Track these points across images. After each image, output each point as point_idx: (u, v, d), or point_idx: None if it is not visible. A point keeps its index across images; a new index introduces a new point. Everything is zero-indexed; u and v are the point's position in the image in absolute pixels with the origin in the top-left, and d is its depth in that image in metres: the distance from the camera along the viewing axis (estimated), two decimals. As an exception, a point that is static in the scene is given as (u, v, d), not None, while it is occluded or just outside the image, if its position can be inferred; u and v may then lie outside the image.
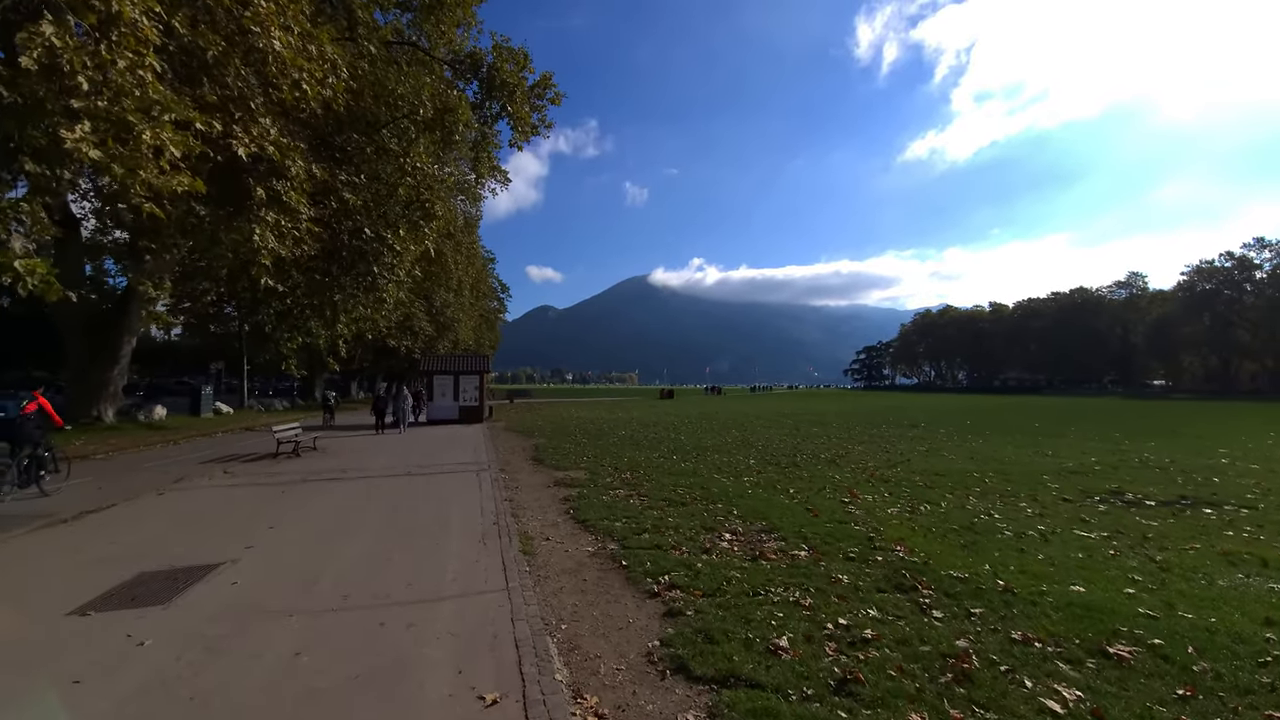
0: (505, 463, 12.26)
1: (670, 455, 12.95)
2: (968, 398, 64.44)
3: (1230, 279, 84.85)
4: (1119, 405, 43.07)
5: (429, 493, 8.82)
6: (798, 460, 12.02)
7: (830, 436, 17.46)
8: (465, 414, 25.44)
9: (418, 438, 17.70)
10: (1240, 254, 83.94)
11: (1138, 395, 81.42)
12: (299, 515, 7.40)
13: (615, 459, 12.31)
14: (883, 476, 9.87)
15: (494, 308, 68.24)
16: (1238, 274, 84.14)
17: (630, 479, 9.73)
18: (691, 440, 16.36)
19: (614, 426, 21.70)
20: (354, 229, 11.19)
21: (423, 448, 15.03)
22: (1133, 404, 45.58)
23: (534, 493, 8.87)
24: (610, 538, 6.06)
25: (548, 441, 16.25)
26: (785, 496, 8.13)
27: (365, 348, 45.63)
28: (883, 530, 6.13)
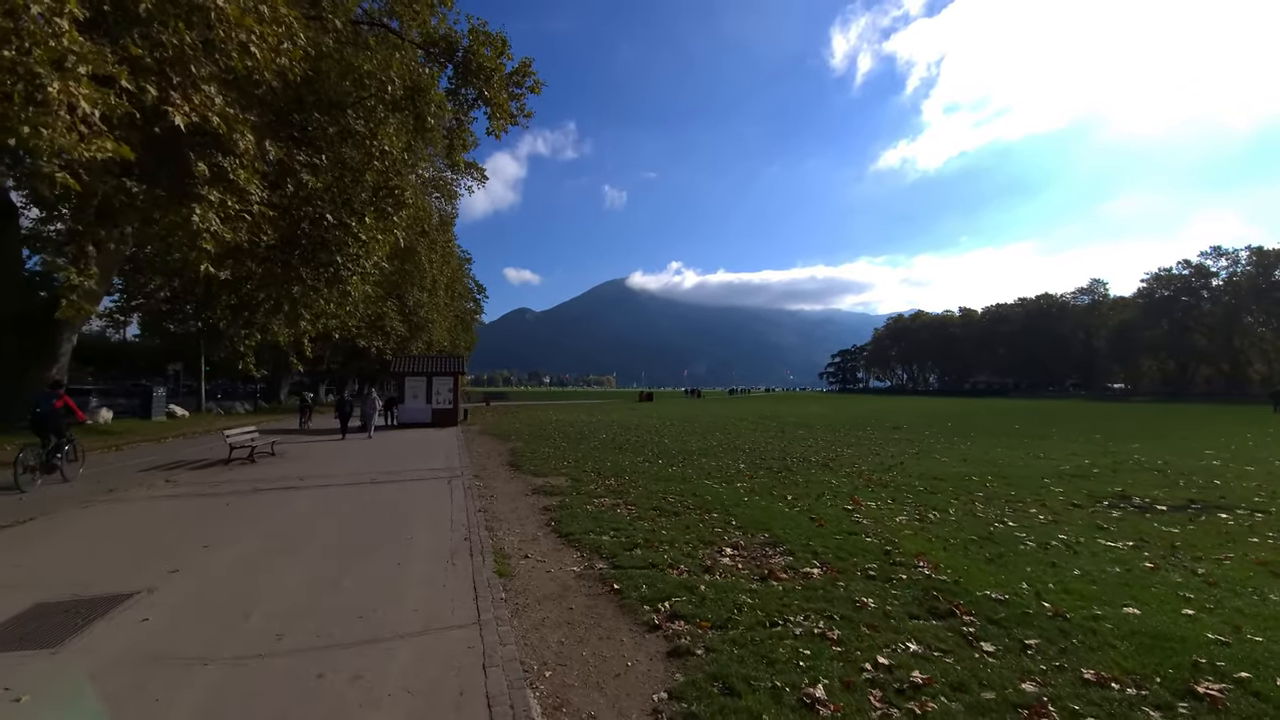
0: (480, 469, 11.44)
1: (656, 459, 12.29)
2: (942, 400, 65.42)
3: (1188, 286, 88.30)
4: (1088, 407, 44.04)
5: (394, 503, 7.98)
6: (789, 464, 11.48)
7: (817, 439, 17.03)
8: (439, 417, 24.39)
9: (387, 442, 16.69)
10: (1198, 262, 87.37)
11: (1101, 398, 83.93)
12: (241, 531, 6.50)
13: (598, 464, 11.59)
14: (881, 481, 9.38)
15: (470, 309, 66.73)
16: (1195, 281, 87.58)
17: (615, 486, 9.03)
18: (676, 443, 15.73)
19: (594, 429, 20.95)
20: (314, 215, 10.27)
21: (391, 453, 14.08)
22: (1100, 406, 46.70)
23: (511, 502, 8.10)
24: (598, 554, 5.36)
25: (525, 445, 15.44)
26: (784, 504, 7.54)
27: (335, 348, 43.96)
28: (898, 542, 5.57)
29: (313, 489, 9.21)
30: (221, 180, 8.15)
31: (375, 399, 18.37)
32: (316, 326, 14.88)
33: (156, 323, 39.07)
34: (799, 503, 7.60)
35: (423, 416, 24.31)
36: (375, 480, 9.98)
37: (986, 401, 61.32)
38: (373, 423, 18.09)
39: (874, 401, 60.69)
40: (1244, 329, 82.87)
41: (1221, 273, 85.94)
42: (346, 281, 11.16)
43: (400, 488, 9.21)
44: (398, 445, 15.85)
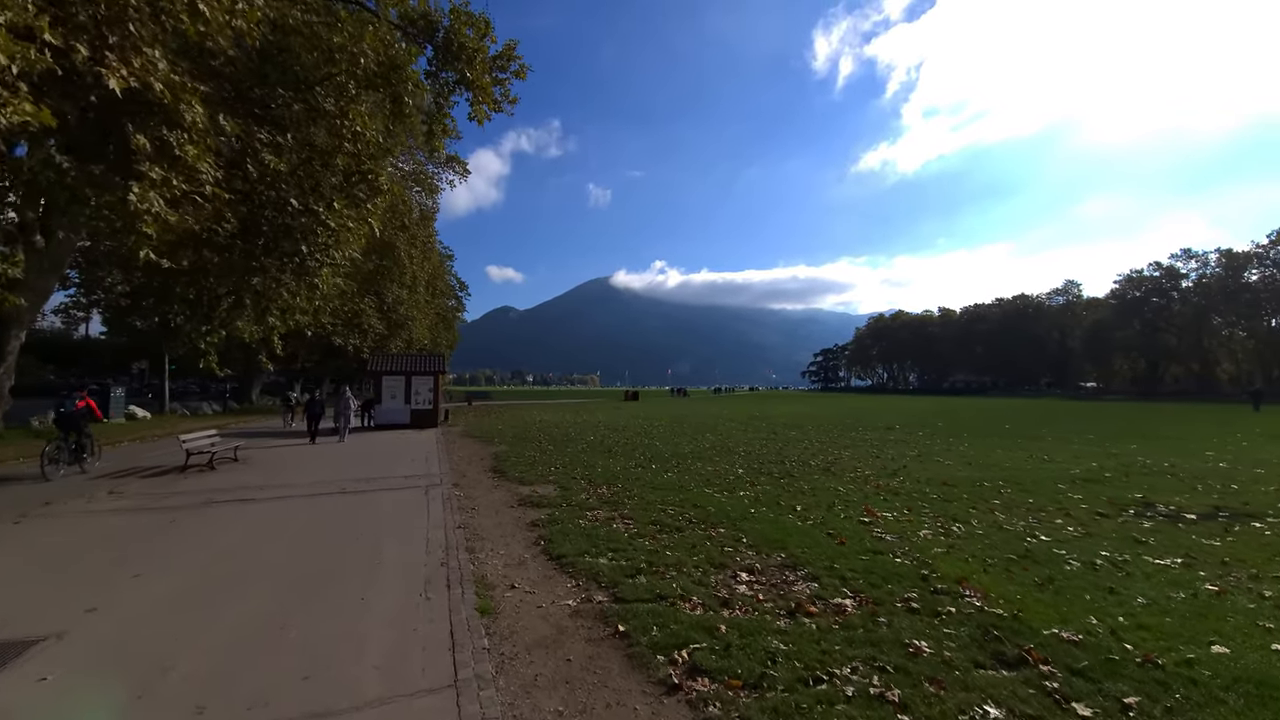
0: (461, 475, 10.64)
1: (649, 464, 11.62)
2: (925, 399, 65.91)
3: (1159, 287, 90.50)
4: (1068, 406, 44.53)
5: (362, 518, 7.18)
6: (790, 469, 10.89)
7: (811, 441, 16.52)
8: (418, 418, 23.41)
9: (361, 446, 15.74)
10: (1168, 264, 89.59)
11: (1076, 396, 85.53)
12: (181, 556, 5.67)
13: (588, 469, 10.88)
14: (890, 488, 8.83)
15: (452, 306, 65.27)
16: (1165, 283, 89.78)
17: (609, 495, 8.34)
18: (668, 446, 15.08)
19: (581, 431, 20.21)
20: (278, 200, 9.36)
21: (365, 458, 13.18)
22: (1079, 405, 47.29)
23: (495, 515, 7.35)
24: (596, 582, 4.67)
25: (509, 449, 14.65)
26: (794, 516, 6.93)
27: (311, 347, 42.45)
28: (931, 564, 4.98)
29: (272, 501, 8.34)
30: (166, 156, 7.24)
31: (350, 399, 17.21)
32: (286, 322, 13.89)
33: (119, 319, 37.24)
34: (810, 514, 6.99)
35: (401, 418, 23.32)
36: (344, 490, 9.13)
37: (968, 400, 61.95)
38: (347, 425, 17.15)
39: (858, 400, 60.87)
40: (1213, 329, 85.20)
41: (1191, 274, 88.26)
42: (314, 273, 10.24)
43: (371, 499, 8.39)
44: (373, 449, 14.93)
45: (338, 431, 16.86)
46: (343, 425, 16.83)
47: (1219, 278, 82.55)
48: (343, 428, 16.78)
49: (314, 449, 14.83)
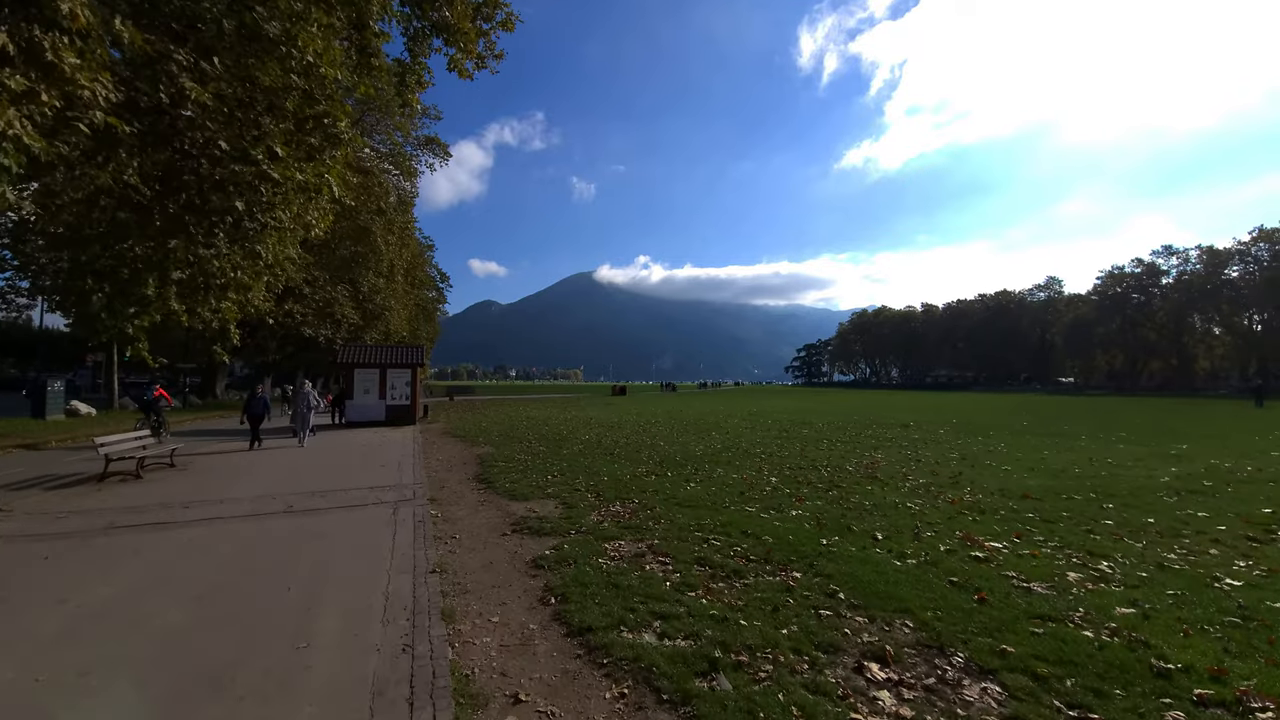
0: (439, 486, 8.80)
1: (662, 471, 9.90)
2: (915, 394, 65.37)
3: (1140, 284, 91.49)
4: (1061, 401, 43.94)
5: (303, 556, 5.32)
6: (831, 477, 9.25)
7: (832, 441, 14.96)
8: (393, 414, 21.39)
9: (326, 447, 13.74)
10: (1150, 260, 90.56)
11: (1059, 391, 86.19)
12: (26, 619, 3.79)
13: (592, 478, 9.11)
14: (968, 504, 7.24)
15: (432, 298, 62.61)
16: (1147, 279, 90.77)
17: (627, 516, 6.59)
18: (676, 447, 13.38)
19: (574, 429, 18.41)
20: (205, 143, 7.39)
21: (326, 463, 11.22)
22: (1073, 401, 46.80)
23: (483, 551, 5.55)
24: (649, 686, 2.94)
25: (496, 451, 12.80)
26: (883, 549, 5.26)
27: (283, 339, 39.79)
28: (1147, 640, 3.34)
29: (193, 526, 6.42)
30: (34, 62, 5.27)
31: (310, 394, 14.66)
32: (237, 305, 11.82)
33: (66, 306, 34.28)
34: (903, 546, 5.33)
35: (375, 414, 21.28)
36: (291, 508, 7.24)
37: (958, 395, 61.48)
38: (306, 426, 14.33)
39: (849, 396, 59.93)
40: (1192, 326, 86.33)
41: (1172, 271, 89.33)
42: (256, 239, 8.26)
43: (322, 523, 6.52)
44: (338, 451, 12.95)
45: (296, 433, 14.53)
46: (300, 426, 14.32)
47: (1200, 274, 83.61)
48: (300, 428, 14.31)
49: (269, 454, 12.77)
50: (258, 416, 13.89)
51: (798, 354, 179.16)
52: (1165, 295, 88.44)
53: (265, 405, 14.22)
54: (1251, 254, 78.38)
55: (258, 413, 13.90)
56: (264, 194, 8.01)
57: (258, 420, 13.85)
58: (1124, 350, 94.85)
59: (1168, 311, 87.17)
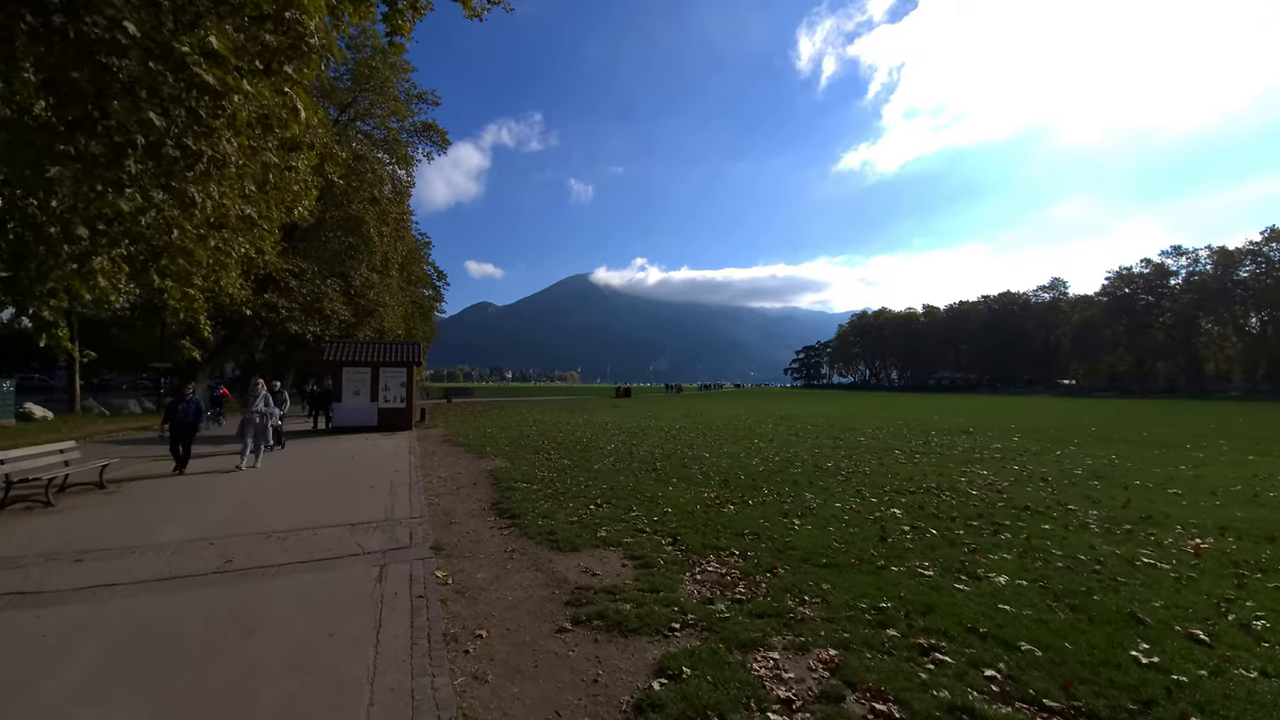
0: (446, 521, 6.46)
1: (737, 496, 7.56)
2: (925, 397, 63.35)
3: (1149, 284, 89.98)
4: (1089, 406, 41.94)
5: (210, 681, 2.98)
6: (963, 506, 6.95)
7: (906, 452, 12.67)
8: (387, 419, 18.99)
9: (305, 459, 11.34)
10: (1159, 261, 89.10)
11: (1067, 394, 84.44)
12: None
13: (651, 508, 6.78)
14: (1231, 557, 4.97)
15: (429, 296, 60.02)
16: (1156, 280, 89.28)
17: (740, 585, 4.22)
18: (727, 460, 11.05)
19: (594, 436, 16.06)
20: (107, 26, 5.05)
21: (301, 483, 8.81)
22: (1098, 404, 44.79)
23: (534, 675, 3.14)
24: None
25: (512, 466, 10.43)
26: (1220, 675, 3.00)
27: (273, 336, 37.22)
28: None
29: (64, 602, 4.04)
30: None
31: (265, 397, 10.84)
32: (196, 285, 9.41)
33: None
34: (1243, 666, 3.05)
35: (366, 418, 18.88)
36: (228, 564, 4.88)
37: (971, 399, 59.46)
38: (261, 437, 10.65)
39: (860, 399, 57.78)
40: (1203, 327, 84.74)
41: (1181, 271, 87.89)
42: (184, 176, 5.92)
43: (265, 598, 4.13)
44: (318, 466, 10.55)
45: (247, 451, 10.47)
46: (251, 438, 10.40)
47: (1210, 275, 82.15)
48: (250, 443, 10.41)
49: (230, 474, 10.28)
50: (186, 428, 9.85)
51: (796, 356, 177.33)
52: (1174, 296, 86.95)
53: (197, 411, 10.22)
54: (1264, 254, 76.95)
55: (187, 421, 9.84)
56: (197, 109, 5.64)
57: (185, 434, 9.83)
58: (1132, 352, 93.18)
59: (1177, 313, 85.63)
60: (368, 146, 35.06)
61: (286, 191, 13.27)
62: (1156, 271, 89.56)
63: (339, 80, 33.84)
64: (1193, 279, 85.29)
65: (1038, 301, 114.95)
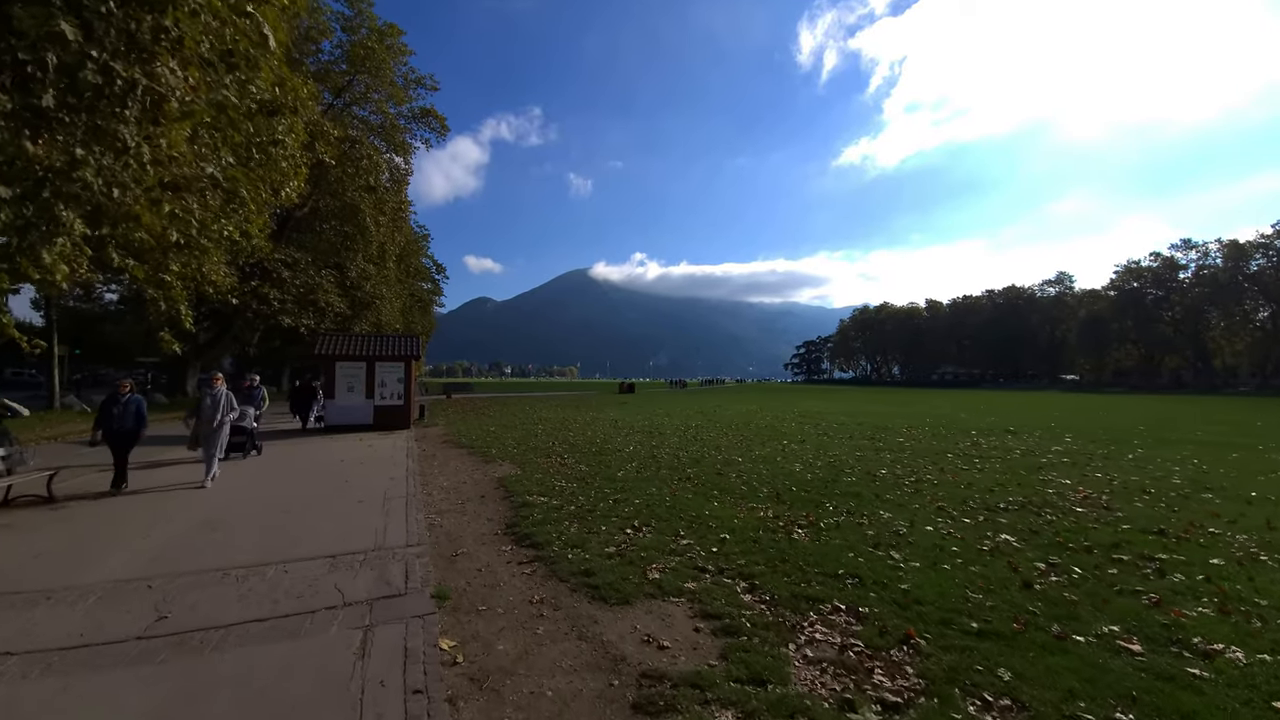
0: (452, 552, 5.17)
1: (798, 514, 6.28)
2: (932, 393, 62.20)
3: (1158, 278, 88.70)
4: (1110, 402, 40.76)
5: None
6: (1107, 533, 5.68)
7: (961, 455, 11.42)
8: (383, 417, 17.71)
9: (286, 464, 10.05)
10: (1168, 255, 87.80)
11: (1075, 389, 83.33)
12: None
13: (702, 532, 5.50)
14: None
15: (428, 290, 58.59)
16: (1165, 274, 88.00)
17: (880, 668, 3.01)
18: (766, 467, 9.75)
19: (608, 436, 14.78)
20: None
21: (275, 496, 7.50)
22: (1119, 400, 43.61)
23: None
24: None
25: (524, 474, 9.13)
26: None
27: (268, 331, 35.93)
28: None
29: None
30: None
31: (225, 396, 8.94)
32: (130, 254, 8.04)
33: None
34: None
35: (361, 416, 17.60)
36: (153, 629, 3.56)
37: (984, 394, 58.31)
38: (218, 447, 8.65)
39: (871, 395, 56.55)
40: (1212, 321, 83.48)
41: (1191, 265, 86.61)
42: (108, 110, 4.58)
43: (190, 699, 2.86)
44: (296, 476, 9.24)
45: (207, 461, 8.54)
46: (212, 445, 8.48)
47: (1220, 269, 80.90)
48: (214, 451, 8.53)
49: (191, 489, 8.94)
50: (124, 436, 7.82)
51: (797, 351, 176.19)
52: (1184, 290, 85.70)
53: (139, 415, 8.04)
54: (1275, 247, 75.65)
55: (125, 429, 7.83)
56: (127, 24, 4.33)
57: (125, 443, 7.84)
58: (1139, 347, 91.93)
59: (1186, 307, 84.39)
60: (363, 132, 33.62)
61: (273, 169, 11.86)
62: (1166, 265, 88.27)
63: (333, 64, 32.36)
64: (1202, 273, 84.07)
65: (1043, 296, 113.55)
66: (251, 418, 10.37)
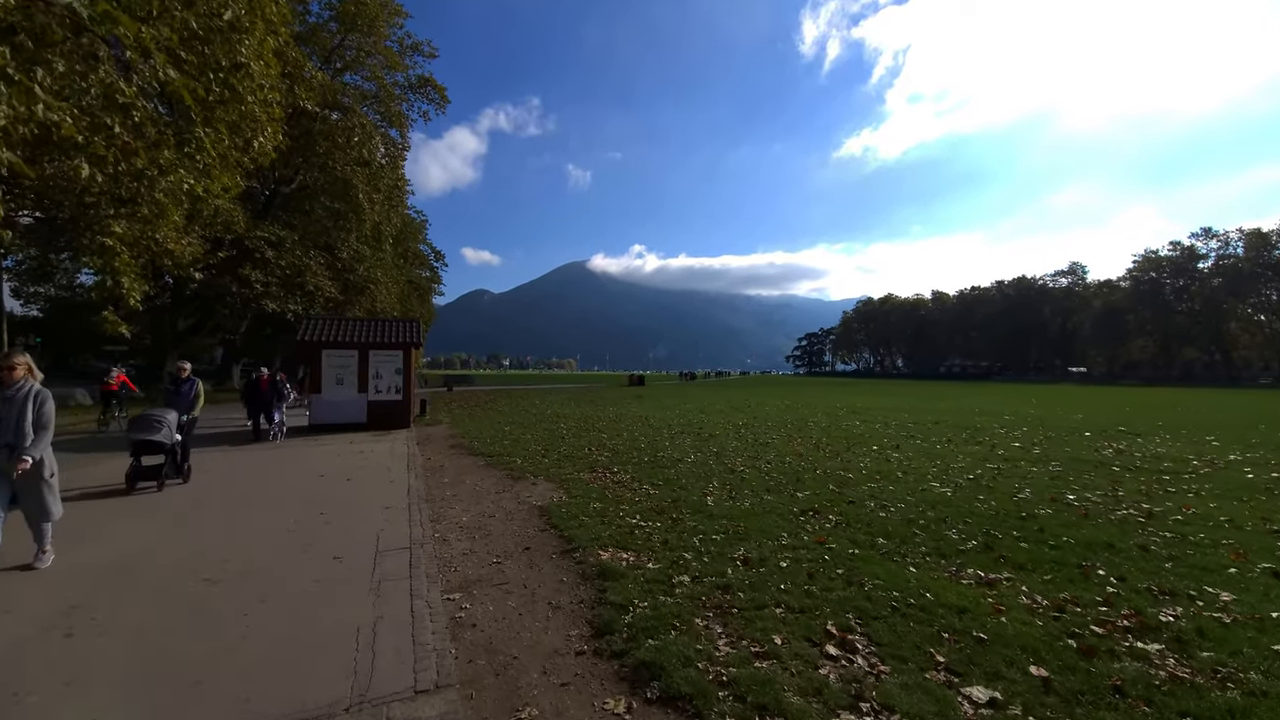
0: (506, 700, 2.60)
1: (1074, 605, 3.72)
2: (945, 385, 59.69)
3: (1177, 268, 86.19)
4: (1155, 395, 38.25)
5: None
6: None
7: (1132, 468, 8.83)
8: (379, 414, 15.07)
9: (241, 485, 7.40)
10: (1189, 244, 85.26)
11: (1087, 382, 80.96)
12: None
13: (980, 657, 2.95)
14: None
15: (426, 278, 55.58)
16: (1185, 263, 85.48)
17: None
18: (913, 488, 7.18)
19: (654, 440, 12.15)
20: None
21: (205, 552, 4.83)
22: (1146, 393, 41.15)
23: None
24: None
25: (573, 502, 6.49)
26: None
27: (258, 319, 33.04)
28: None
29: None
30: None
31: (21, 399, 4.19)
32: None
33: None
34: None
35: (353, 413, 14.96)
36: None
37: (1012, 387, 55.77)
38: (37, 501, 4.26)
39: (895, 388, 53.96)
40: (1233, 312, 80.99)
41: (1211, 255, 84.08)
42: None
43: None
44: (238, 515, 6.58)
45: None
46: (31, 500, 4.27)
47: (1242, 258, 78.43)
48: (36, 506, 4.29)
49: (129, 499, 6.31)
50: None
51: (799, 343, 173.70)
52: (1204, 280, 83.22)
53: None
54: (1302, 236, 73.27)
55: None
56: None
57: None
58: (1155, 339, 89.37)
59: (1206, 297, 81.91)
60: (356, 100, 30.69)
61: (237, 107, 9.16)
62: (1186, 254, 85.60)
63: (322, 25, 29.40)
64: (1223, 262, 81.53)
65: (1055, 287, 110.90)
66: (171, 427, 6.97)
